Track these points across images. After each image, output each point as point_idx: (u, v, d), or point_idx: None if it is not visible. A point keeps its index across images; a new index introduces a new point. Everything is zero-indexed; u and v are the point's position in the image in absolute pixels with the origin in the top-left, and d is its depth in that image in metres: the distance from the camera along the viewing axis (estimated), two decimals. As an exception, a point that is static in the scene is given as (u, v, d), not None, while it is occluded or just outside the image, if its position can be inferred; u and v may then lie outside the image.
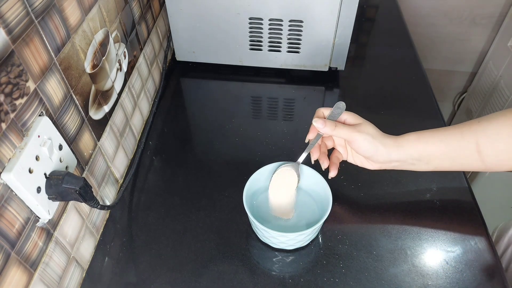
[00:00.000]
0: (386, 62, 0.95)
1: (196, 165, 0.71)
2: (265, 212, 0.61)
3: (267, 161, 0.61)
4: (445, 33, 1.38)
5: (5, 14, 0.38)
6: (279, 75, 0.90)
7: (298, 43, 0.83)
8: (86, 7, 0.54)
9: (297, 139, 0.76)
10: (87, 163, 0.56)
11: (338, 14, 0.77)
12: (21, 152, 0.41)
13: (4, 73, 0.38)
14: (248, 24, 0.81)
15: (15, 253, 0.41)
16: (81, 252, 0.55)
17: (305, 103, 0.84)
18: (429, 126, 0.77)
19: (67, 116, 0.50)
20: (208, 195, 0.66)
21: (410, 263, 0.57)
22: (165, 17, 0.90)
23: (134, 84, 0.73)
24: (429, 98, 0.84)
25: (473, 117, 1.45)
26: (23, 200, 0.42)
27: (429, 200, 0.65)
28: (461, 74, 1.50)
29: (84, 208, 0.55)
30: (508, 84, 1.24)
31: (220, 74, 0.91)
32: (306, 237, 0.56)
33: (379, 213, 0.63)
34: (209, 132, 0.78)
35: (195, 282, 0.55)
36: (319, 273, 0.56)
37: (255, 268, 0.57)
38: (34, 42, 0.43)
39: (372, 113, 0.81)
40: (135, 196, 0.67)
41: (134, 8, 0.71)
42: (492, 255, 0.58)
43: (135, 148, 0.74)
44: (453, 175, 0.68)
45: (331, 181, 0.59)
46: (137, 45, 0.73)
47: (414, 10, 1.32)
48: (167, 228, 0.62)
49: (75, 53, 0.51)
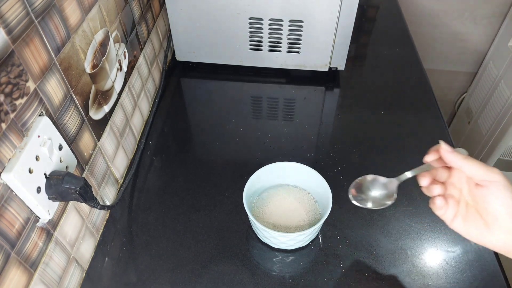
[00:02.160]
0: (386, 62, 0.95)
1: (196, 165, 0.71)
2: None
3: (267, 161, 0.61)
4: (445, 33, 1.38)
5: (5, 14, 0.38)
6: (279, 75, 0.90)
7: (298, 43, 0.83)
8: (86, 7, 0.54)
9: (297, 139, 0.76)
10: (87, 163, 0.56)
11: (338, 14, 0.77)
12: (21, 152, 0.41)
13: (4, 73, 0.38)
14: (248, 24, 0.81)
15: (15, 253, 0.41)
16: (81, 252, 0.55)
17: (305, 103, 0.84)
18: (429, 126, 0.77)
19: (67, 116, 0.50)
20: (208, 195, 0.66)
21: (410, 263, 0.57)
22: (165, 17, 0.89)
23: (134, 84, 0.73)
24: (429, 98, 0.84)
25: (473, 117, 1.45)
26: (23, 200, 0.42)
27: (429, 200, 0.65)
28: (461, 74, 1.50)
29: (84, 208, 0.55)
30: (508, 84, 1.24)
31: (220, 74, 0.91)
32: (306, 237, 0.56)
33: (379, 213, 0.63)
34: (209, 132, 0.78)
35: (195, 282, 0.55)
36: (319, 273, 0.56)
37: (255, 268, 0.57)
38: (34, 42, 0.43)
39: (372, 113, 0.81)
40: (135, 196, 0.67)
41: (134, 8, 0.71)
42: (492, 255, 0.58)
43: (135, 148, 0.74)
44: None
45: (331, 181, 0.58)
46: (137, 45, 0.73)
47: (414, 10, 1.32)
48: (167, 228, 0.62)
49: (75, 53, 0.51)
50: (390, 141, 0.75)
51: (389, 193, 0.49)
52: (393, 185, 0.48)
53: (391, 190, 0.49)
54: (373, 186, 0.50)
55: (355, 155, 0.72)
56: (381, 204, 0.50)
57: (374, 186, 0.50)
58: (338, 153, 0.72)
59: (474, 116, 1.44)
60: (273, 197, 0.62)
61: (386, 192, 0.49)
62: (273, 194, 0.63)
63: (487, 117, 1.35)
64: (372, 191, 0.50)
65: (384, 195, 0.50)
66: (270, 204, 0.61)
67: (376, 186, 0.50)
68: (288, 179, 0.63)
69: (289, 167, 0.62)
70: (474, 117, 1.45)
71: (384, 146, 0.74)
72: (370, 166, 0.70)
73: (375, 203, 0.50)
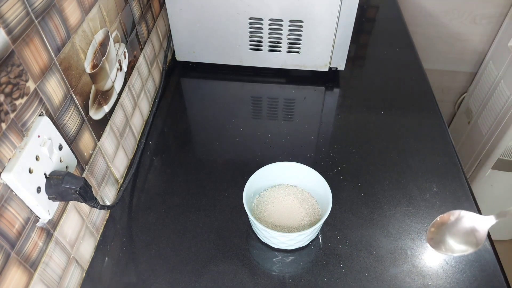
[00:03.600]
0: (386, 62, 0.95)
1: (196, 165, 0.71)
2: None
3: (267, 161, 0.61)
4: (445, 33, 1.38)
5: (5, 14, 0.38)
6: (279, 75, 0.90)
7: (298, 43, 0.83)
8: (86, 7, 0.54)
9: (297, 139, 0.76)
10: (87, 163, 0.56)
11: (338, 14, 0.77)
12: (21, 152, 0.41)
13: (4, 73, 0.38)
14: (248, 24, 0.81)
15: (15, 253, 0.41)
16: (81, 252, 0.55)
17: (305, 103, 0.84)
18: (429, 126, 0.77)
19: (67, 116, 0.50)
20: (208, 195, 0.66)
21: (410, 263, 0.57)
22: (165, 17, 0.89)
23: (134, 84, 0.73)
24: (429, 98, 0.84)
25: (473, 117, 1.45)
26: (23, 200, 0.42)
27: (429, 200, 0.65)
28: (461, 74, 1.50)
29: (84, 208, 0.55)
30: (508, 84, 1.24)
31: (220, 74, 0.91)
32: (306, 237, 0.56)
33: (379, 213, 0.63)
34: (209, 132, 0.78)
35: (195, 282, 0.55)
36: (319, 273, 0.56)
37: (255, 268, 0.57)
38: (34, 42, 0.43)
39: (372, 113, 0.81)
40: (135, 196, 0.67)
41: (134, 8, 0.71)
42: (492, 255, 0.58)
43: (135, 148, 0.74)
44: (453, 175, 0.68)
45: (331, 182, 0.59)
46: (137, 45, 0.73)
47: (414, 10, 1.32)
48: (167, 228, 0.62)
49: (75, 53, 0.51)
50: (390, 141, 0.75)
51: (478, 240, 0.38)
52: (484, 228, 0.37)
53: (480, 238, 0.37)
54: (456, 230, 0.39)
55: (355, 155, 0.72)
56: (462, 251, 0.40)
57: (456, 230, 0.39)
58: (338, 153, 0.72)
59: (474, 116, 1.44)
60: (273, 197, 0.62)
61: (471, 239, 0.38)
62: (273, 194, 0.63)
63: (487, 117, 1.35)
64: (452, 237, 0.40)
65: (468, 241, 0.38)
66: (270, 204, 0.61)
67: (459, 230, 0.39)
68: (288, 179, 0.63)
69: (289, 167, 0.62)
70: (474, 117, 1.45)
71: (384, 146, 0.74)
72: (370, 166, 0.70)
73: (454, 251, 0.41)
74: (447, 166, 0.70)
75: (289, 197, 0.62)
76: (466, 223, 0.38)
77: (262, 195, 0.63)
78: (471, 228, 0.38)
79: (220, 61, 0.89)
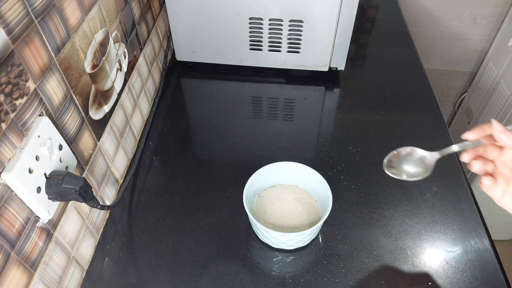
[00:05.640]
0: (386, 62, 0.95)
1: (196, 165, 0.71)
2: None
3: (267, 161, 0.61)
4: (445, 33, 1.38)
5: (5, 14, 0.38)
6: (279, 75, 0.90)
7: (298, 43, 0.83)
8: (86, 7, 0.54)
9: (297, 139, 0.76)
10: (87, 163, 0.56)
11: (338, 14, 0.77)
12: (21, 152, 0.41)
13: (4, 73, 0.38)
14: (248, 24, 0.81)
15: (15, 253, 0.41)
16: (81, 252, 0.55)
17: (305, 103, 0.84)
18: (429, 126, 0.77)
19: (67, 116, 0.50)
20: (208, 195, 0.66)
21: (410, 263, 0.57)
22: (165, 17, 0.89)
23: (134, 84, 0.73)
24: (429, 98, 0.84)
25: (473, 117, 1.45)
26: (23, 200, 0.42)
27: (429, 200, 0.65)
28: (461, 74, 1.50)
29: (84, 208, 0.55)
30: (508, 84, 1.24)
31: (220, 74, 0.91)
32: (306, 237, 0.56)
33: (379, 213, 0.63)
34: (209, 132, 0.78)
35: (195, 282, 0.55)
36: (319, 273, 0.56)
37: (255, 268, 0.57)
38: (34, 42, 0.43)
39: (372, 113, 0.81)
40: (135, 196, 0.67)
41: (134, 8, 0.71)
42: (492, 255, 0.58)
43: (135, 148, 0.74)
44: (453, 175, 0.68)
45: (331, 181, 0.59)
46: (137, 45, 0.73)
47: (414, 10, 1.32)
48: (167, 228, 0.62)
49: (75, 53, 0.51)
50: (390, 141, 0.75)
51: (426, 167, 0.48)
52: (432, 159, 0.47)
53: (428, 164, 0.47)
54: (410, 159, 0.49)
55: (355, 155, 0.72)
56: (415, 175, 0.49)
57: (410, 159, 0.49)
58: (338, 153, 0.72)
59: (474, 116, 1.44)
60: (273, 197, 0.62)
61: (423, 168, 0.48)
62: (273, 194, 0.63)
63: (487, 117, 1.35)
64: (407, 165, 0.49)
65: (420, 170, 0.48)
66: (270, 204, 0.61)
67: (412, 159, 0.49)
68: (288, 179, 0.63)
69: (289, 167, 0.62)
70: (474, 117, 1.45)
71: (384, 146, 0.74)
72: (370, 166, 0.70)
73: (409, 175, 0.49)
74: (447, 166, 0.70)
75: (289, 197, 0.62)
76: (417, 155, 0.49)
77: (262, 195, 0.63)
78: (420, 158, 0.49)
79: (220, 61, 0.89)
